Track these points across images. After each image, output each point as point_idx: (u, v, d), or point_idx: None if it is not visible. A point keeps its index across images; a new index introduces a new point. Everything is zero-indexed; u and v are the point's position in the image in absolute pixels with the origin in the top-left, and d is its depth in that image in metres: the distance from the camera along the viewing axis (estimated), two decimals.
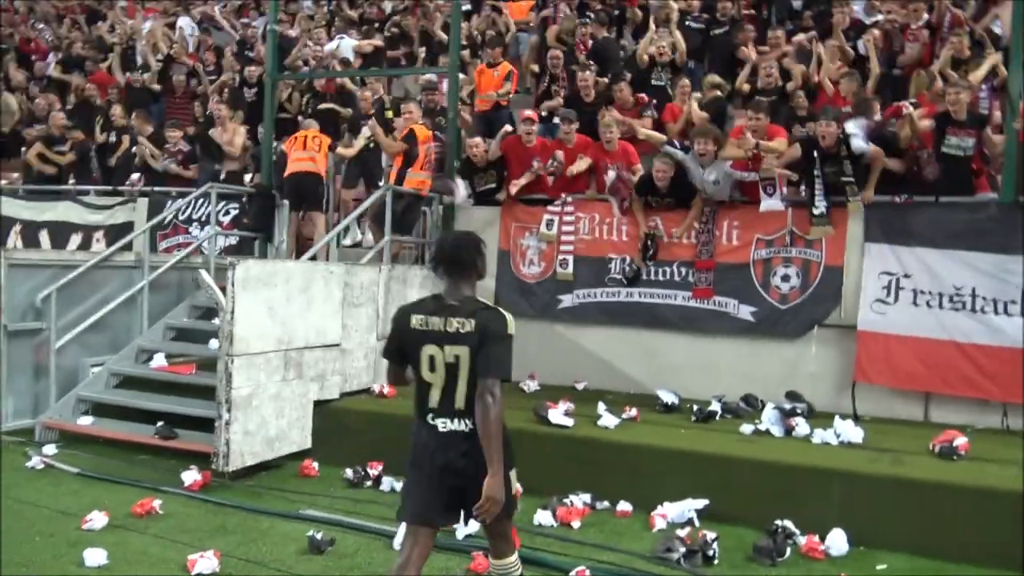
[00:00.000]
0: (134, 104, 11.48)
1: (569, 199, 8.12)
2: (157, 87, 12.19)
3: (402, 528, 3.97)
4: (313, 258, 6.92)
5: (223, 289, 5.81)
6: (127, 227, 9.76)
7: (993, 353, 6.63)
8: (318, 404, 6.63)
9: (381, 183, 8.36)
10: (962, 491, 5.09)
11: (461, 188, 8.20)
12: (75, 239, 10.25)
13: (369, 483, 6.09)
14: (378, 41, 11.76)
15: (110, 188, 10.33)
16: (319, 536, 4.78)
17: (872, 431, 6.34)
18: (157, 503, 5.31)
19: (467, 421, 3.31)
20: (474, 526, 4.15)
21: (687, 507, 5.46)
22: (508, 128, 8.46)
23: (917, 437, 6.09)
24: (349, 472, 6.14)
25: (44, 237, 10.50)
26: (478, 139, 8.31)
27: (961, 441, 5.76)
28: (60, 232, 10.40)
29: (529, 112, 8.66)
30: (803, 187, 7.16)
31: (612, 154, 7.93)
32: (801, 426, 6.27)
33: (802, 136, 7.39)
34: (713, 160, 7.33)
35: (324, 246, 7.76)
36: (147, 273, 7.80)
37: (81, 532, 4.90)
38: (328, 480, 6.16)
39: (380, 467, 6.27)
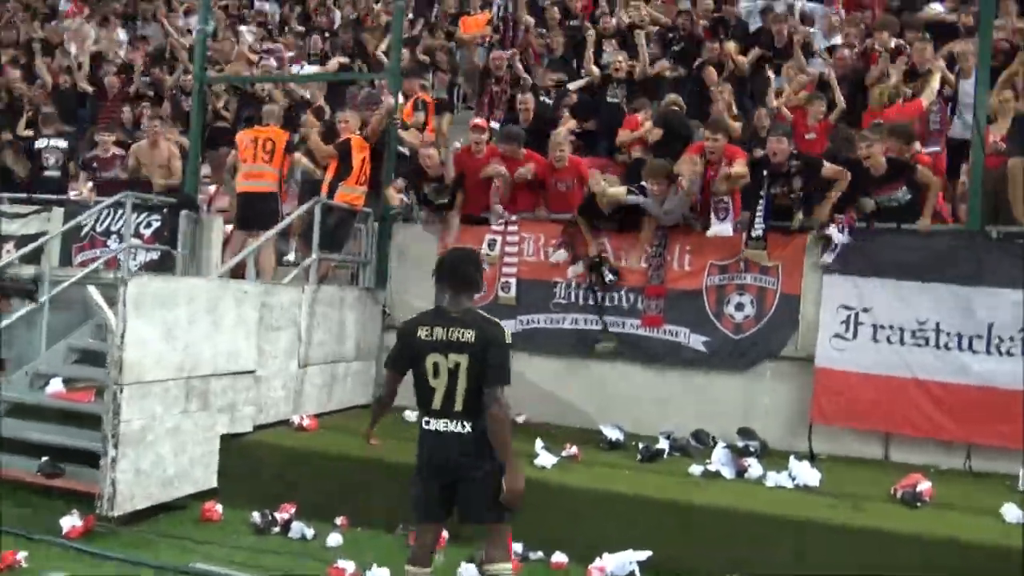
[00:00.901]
0: (62, 105, 10.80)
1: (513, 217, 7.62)
2: (88, 88, 11.52)
3: None
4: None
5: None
6: (40, 237, 9.03)
7: (957, 391, 6.24)
8: (227, 438, 5.99)
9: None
10: (928, 543, 4.65)
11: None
12: None
13: (277, 529, 5.47)
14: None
15: (25, 196, 9.56)
16: None
17: (829, 472, 5.90)
18: (22, 555, 4.63)
19: (465, 423, 3.72)
20: None
21: (628, 559, 4.92)
22: (457, 144, 7.92)
23: (877, 480, 5.68)
24: (256, 516, 5.51)
25: None
26: (432, 149, 7.80)
27: (925, 486, 5.34)
28: None
29: (478, 120, 8.17)
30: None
31: (562, 171, 7.45)
32: (754, 467, 5.80)
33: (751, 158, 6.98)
34: (667, 195, 6.91)
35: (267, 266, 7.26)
36: (48, 288, 7.10)
37: None
38: (232, 525, 5.54)
39: (292, 510, 5.66)
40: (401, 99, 8.25)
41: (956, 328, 6.27)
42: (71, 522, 5.12)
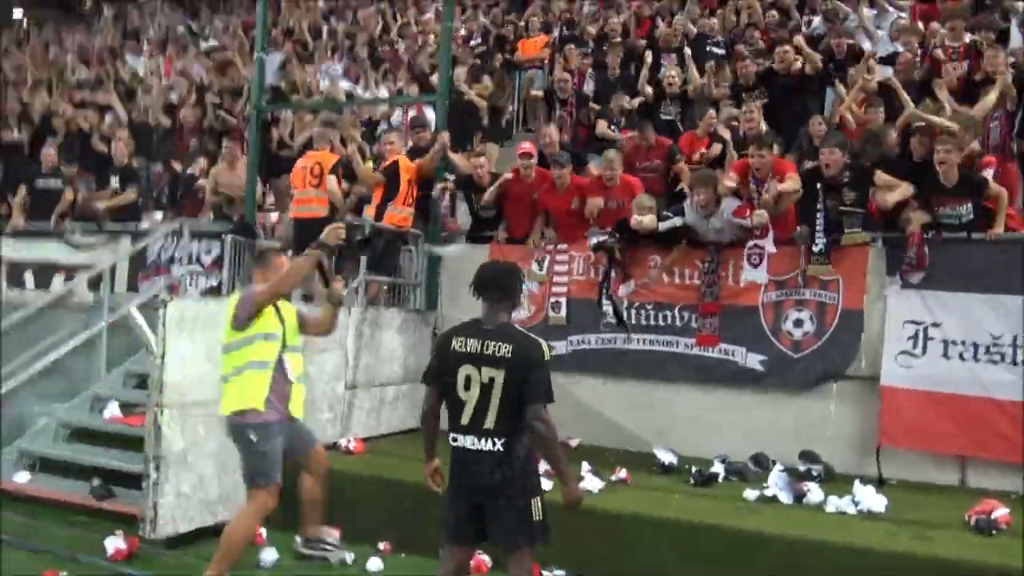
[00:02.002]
0: (138, 139, 11.20)
1: (561, 246, 7.47)
2: (166, 121, 11.91)
3: None
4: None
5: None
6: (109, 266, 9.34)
7: None
8: None
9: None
10: (996, 572, 4.26)
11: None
12: (58, 279, 9.81)
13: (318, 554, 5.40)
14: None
15: (96, 227, 9.91)
16: None
17: (899, 499, 5.54)
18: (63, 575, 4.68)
19: (495, 440, 3.56)
20: None
21: None
22: (507, 175, 7.81)
23: (951, 507, 5.27)
24: (298, 540, 5.46)
25: (29, 277, 10.10)
26: (483, 159, 7.78)
27: (1001, 513, 4.93)
28: (46, 272, 10.00)
29: (526, 146, 8.07)
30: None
31: (612, 189, 7.30)
32: (814, 492, 5.47)
33: (805, 169, 6.69)
34: (715, 209, 6.67)
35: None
36: (106, 314, 7.28)
37: None
38: (277, 549, 5.48)
39: (337, 534, 5.60)
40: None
41: None
42: (115, 544, 5.16)
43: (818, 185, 6.32)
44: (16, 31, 21.77)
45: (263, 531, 5.61)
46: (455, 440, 3.66)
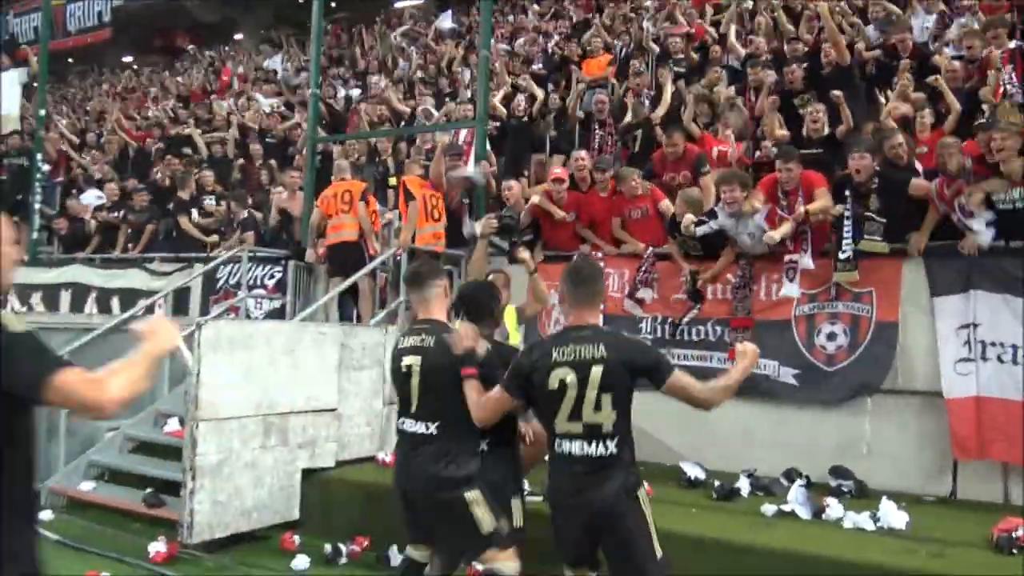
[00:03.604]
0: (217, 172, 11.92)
1: (599, 254, 7.59)
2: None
3: None
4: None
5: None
6: (185, 292, 9.98)
7: None
8: (309, 472, 6.29)
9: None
10: None
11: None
12: (141, 304, 10.51)
13: (343, 560, 5.66)
14: None
15: (172, 256, 10.60)
16: None
17: (931, 515, 5.41)
18: (105, 575, 5.07)
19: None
20: None
21: None
22: (535, 199, 7.99)
23: (983, 523, 5.06)
24: (328, 548, 5.74)
25: (115, 303, 10.87)
26: (513, 182, 8.00)
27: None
28: (129, 299, 10.73)
29: (559, 171, 8.20)
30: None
31: (636, 199, 7.41)
32: (833, 508, 5.37)
33: (837, 176, 6.59)
34: (742, 208, 6.64)
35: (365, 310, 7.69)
36: None
37: None
38: (309, 555, 5.76)
39: (366, 543, 5.85)
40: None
41: None
42: (156, 547, 5.55)
43: (846, 192, 6.23)
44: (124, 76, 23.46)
45: (296, 538, 5.93)
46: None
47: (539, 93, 10.87)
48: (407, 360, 3.93)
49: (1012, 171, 5.84)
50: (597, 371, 3.38)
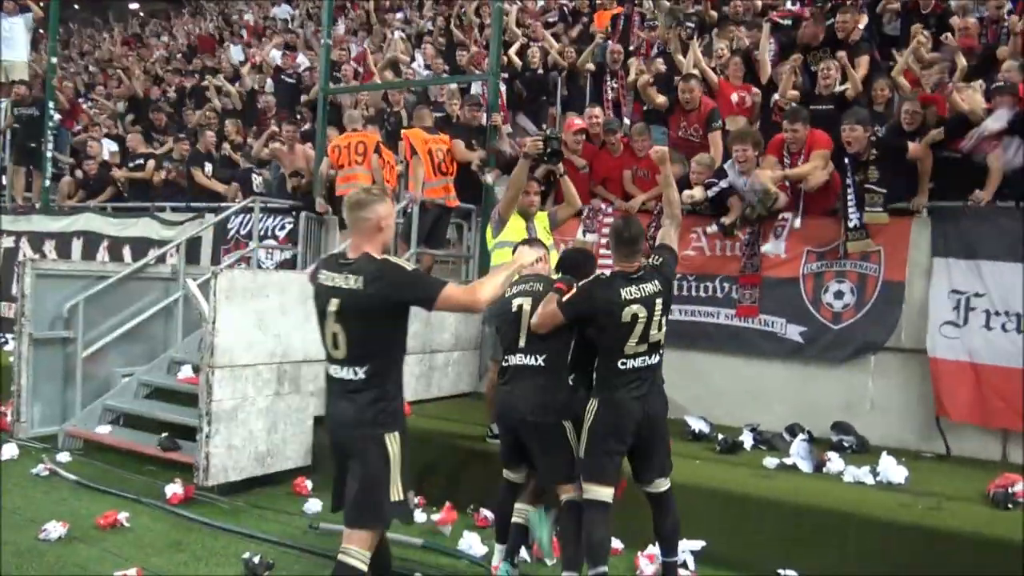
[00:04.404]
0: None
1: (608, 207, 7.63)
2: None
3: None
4: None
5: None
6: (196, 242, 10.06)
7: None
8: (322, 419, 6.39)
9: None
10: (1000, 545, 4.23)
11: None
12: (152, 254, 10.59)
13: None
14: None
15: (183, 205, 10.65)
16: (256, 559, 4.53)
17: (930, 471, 5.55)
18: (123, 516, 5.22)
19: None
20: None
21: (681, 547, 4.82)
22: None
23: (981, 480, 5.19)
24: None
25: (127, 252, 10.96)
26: (527, 139, 7.94)
27: (1021, 486, 4.85)
28: (140, 248, 10.82)
29: (579, 122, 8.19)
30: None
31: (642, 160, 7.45)
32: (834, 462, 5.49)
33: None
34: (755, 167, 6.64)
35: None
36: (183, 284, 7.90)
37: (35, 542, 4.86)
38: (321, 500, 5.91)
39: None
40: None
41: None
42: (173, 489, 5.71)
43: (845, 160, 6.24)
44: (129, 22, 23.23)
45: (308, 483, 6.09)
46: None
47: (554, 45, 10.77)
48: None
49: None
50: (659, 301, 4.09)
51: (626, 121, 8.99)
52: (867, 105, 7.35)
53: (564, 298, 4.15)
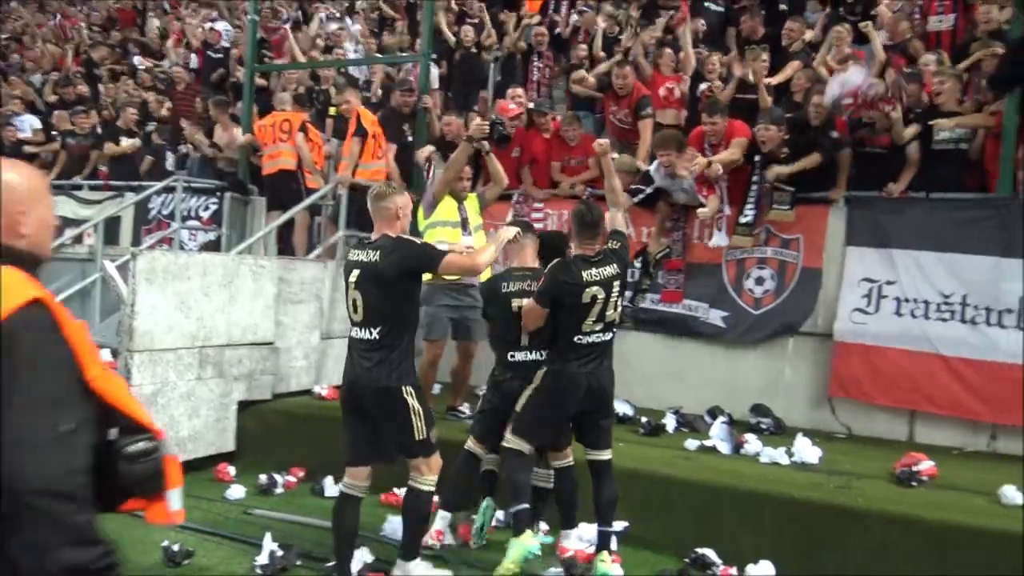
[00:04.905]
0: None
1: (539, 194, 7.66)
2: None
3: None
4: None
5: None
6: (115, 221, 9.75)
7: (984, 368, 5.89)
8: (246, 404, 6.33)
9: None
10: (905, 522, 4.44)
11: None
12: (68, 234, 10.23)
13: (279, 490, 5.78)
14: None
15: (102, 183, 10.30)
16: (176, 548, 4.46)
17: (841, 451, 5.76)
18: None
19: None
20: None
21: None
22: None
23: (888, 459, 5.42)
24: (263, 478, 5.83)
25: None
26: (452, 116, 7.85)
27: (925, 466, 5.10)
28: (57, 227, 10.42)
29: (512, 107, 8.11)
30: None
31: (574, 149, 7.49)
32: (751, 443, 5.67)
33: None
34: (677, 170, 6.75)
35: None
36: (100, 266, 7.66)
37: None
38: (244, 486, 5.84)
39: (302, 474, 5.98)
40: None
41: (984, 302, 5.93)
42: None
43: (756, 157, 6.41)
44: None
45: (231, 469, 6.01)
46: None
47: (487, 20, 10.72)
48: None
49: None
50: (616, 284, 4.34)
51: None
52: (787, 96, 7.56)
53: (536, 290, 4.40)
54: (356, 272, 4.04)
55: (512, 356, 4.65)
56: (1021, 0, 6.18)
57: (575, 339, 4.31)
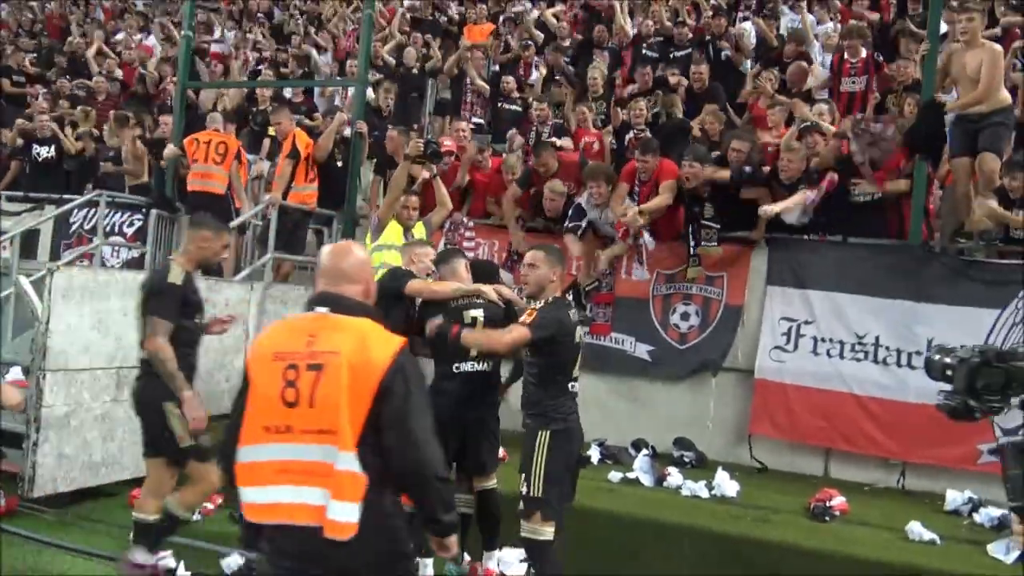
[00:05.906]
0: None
1: (470, 222, 7.71)
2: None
3: None
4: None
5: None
6: (34, 234, 9.40)
7: (894, 408, 6.12)
8: None
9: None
10: (818, 556, 4.57)
11: None
12: None
13: (196, 517, 5.60)
14: None
15: (22, 195, 9.95)
16: None
17: (758, 486, 5.88)
18: None
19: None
20: None
21: (518, 557, 4.92)
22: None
23: (804, 494, 5.58)
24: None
25: None
26: (393, 132, 7.83)
27: (838, 502, 5.26)
28: None
29: (449, 143, 8.03)
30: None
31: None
32: (673, 476, 5.77)
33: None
34: (608, 201, 6.90)
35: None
36: (14, 280, 7.36)
37: None
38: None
39: (220, 500, 5.82)
40: None
41: (896, 343, 6.18)
42: None
43: (683, 196, 6.62)
44: None
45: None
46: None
47: (434, 45, 10.85)
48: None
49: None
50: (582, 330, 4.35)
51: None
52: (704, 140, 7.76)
53: (531, 321, 4.06)
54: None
55: (458, 368, 4.54)
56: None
57: (570, 387, 4.20)
